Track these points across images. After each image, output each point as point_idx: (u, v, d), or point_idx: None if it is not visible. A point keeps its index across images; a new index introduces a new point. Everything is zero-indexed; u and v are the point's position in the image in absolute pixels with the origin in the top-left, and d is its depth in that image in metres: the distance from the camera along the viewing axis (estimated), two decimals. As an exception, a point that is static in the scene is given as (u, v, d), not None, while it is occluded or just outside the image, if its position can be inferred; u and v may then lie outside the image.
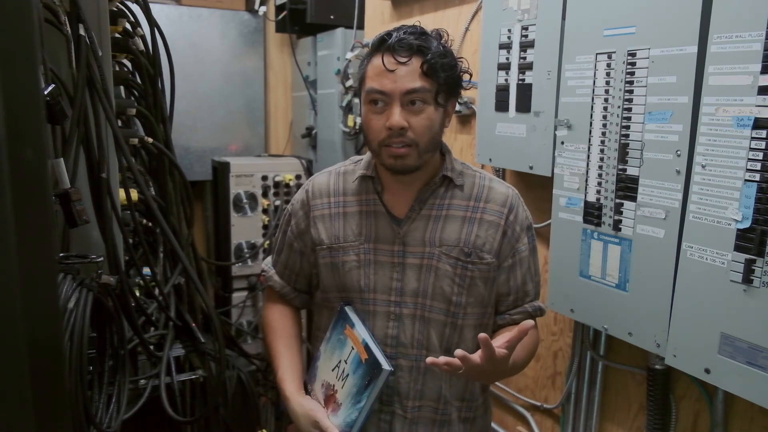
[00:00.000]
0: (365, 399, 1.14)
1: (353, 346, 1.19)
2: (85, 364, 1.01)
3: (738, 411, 1.27)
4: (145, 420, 1.45)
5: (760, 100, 1.04)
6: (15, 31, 0.60)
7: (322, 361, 1.27)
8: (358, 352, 1.17)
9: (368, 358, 1.15)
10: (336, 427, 1.16)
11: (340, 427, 1.17)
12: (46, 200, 0.67)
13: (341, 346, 1.22)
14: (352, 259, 1.22)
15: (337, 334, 1.24)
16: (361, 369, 1.16)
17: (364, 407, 1.14)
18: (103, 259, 1.15)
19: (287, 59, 3.38)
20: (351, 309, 1.23)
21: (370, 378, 1.14)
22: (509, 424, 1.96)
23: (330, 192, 1.27)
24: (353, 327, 1.20)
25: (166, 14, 3.00)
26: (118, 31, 1.52)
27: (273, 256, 1.38)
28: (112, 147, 1.34)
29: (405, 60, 1.09)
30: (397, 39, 1.09)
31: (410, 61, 1.09)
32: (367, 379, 1.14)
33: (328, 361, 1.25)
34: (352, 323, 1.20)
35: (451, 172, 1.21)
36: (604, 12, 1.34)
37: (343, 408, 1.18)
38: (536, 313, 1.27)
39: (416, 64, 1.09)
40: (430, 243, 1.19)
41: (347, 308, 1.23)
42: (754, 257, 1.06)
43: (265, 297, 1.42)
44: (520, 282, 1.24)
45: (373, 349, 1.15)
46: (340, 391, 1.19)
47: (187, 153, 3.16)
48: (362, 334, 1.18)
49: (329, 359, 1.25)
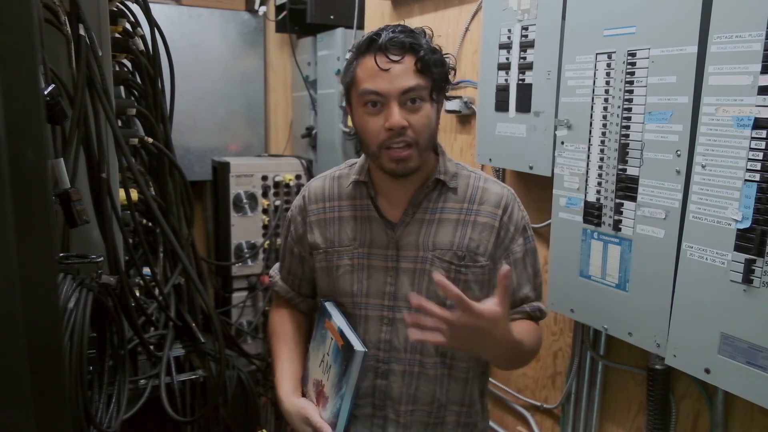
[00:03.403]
0: (345, 385, 1.13)
1: (332, 337, 1.19)
2: (85, 364, 1.01)
3: (738, 411, 1.27)
4: (145, 420, 1.45)
5: (760, 100, 1.04)
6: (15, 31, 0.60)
7: (311, 360, 1.28)
8: (336, 341, 1.17)
9: (344, 344, 1.14)
10: (326, 421, 1.16)
11: (329, 420, 1.16)
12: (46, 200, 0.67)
13: (323, 340, 1.23)
14: (346, 264, 1.22)
15: (320, 330, 1.25)
16: (339, 356, 1.16)
17: (346, 393, 1.13)
18: (103, 259, 1.15)
19: (287, 59, 3.38)
20: (330, 303, 1.24)
21: (347, 363, 1.13)
22: (509, 424, 1.96)
23: (325, 197, 1.27)
24: (331, 318, 1.20)
25: (166, 14, 3.00)
26: (118, 31, 1.52)
27: (279, 262, 1.39)
28: (112, 147, 1.34)
29: (398, 58, 1.08)
30: (388, 38, 1.08)
31: (403, 59, 1.08)
32: (344, 364, 1.14)
33: (315, 358, 1.26)
34: (330, 315, 1.21)
35: (444, 174, 1.20)
36: (604, 12, 1.34)
37: (329, 400, 1.17)
38: (535, 314, 1.25)
39: (409, 62, 1.09)
40: (424, 247, 1.18)
41: (326, 303, 1.24)
42: (754, 257, 1.06)
43: (273, 303, 1.42)
44: (515, 284, 1.22)
45: (347, 334, 1.15)
46: (326, 384, 1.19)
47: (187, 153, 3.16)
48: (338, 323, 1.18)
49: (316, 356, 1.25)
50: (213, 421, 1.69)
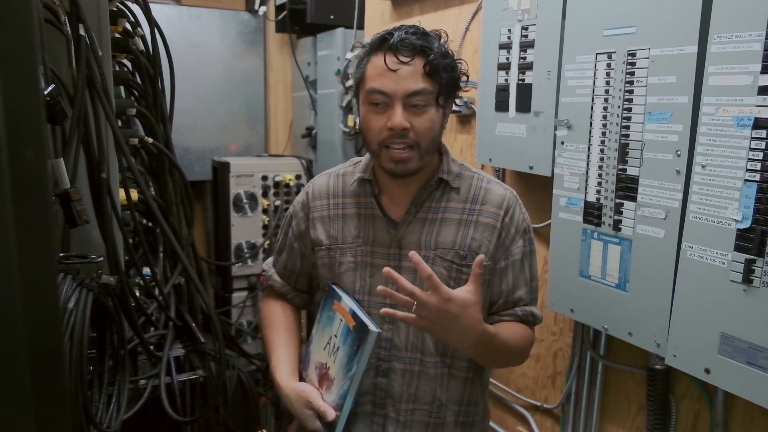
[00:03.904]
0: (355, 365, 1.11)
1: (341, 318, 1.18)
2: (85, 364, 1.01)
3: (738, 411, 1.27)
4: (145, 420, 1.45)
5: (760, 100, 1.04)
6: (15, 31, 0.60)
7: (314, 344, 1.27)
8: (346, 322, 1.16)
9: (356, 325, 1.13)
10: (329, 404, 1.14)
11: (333, 402, 1.14)
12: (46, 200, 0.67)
13: (330, 322, 1.22)
14: (349, 261, 1.22)
15: (326, 312, 1.24)
16: (350, 337, 1.14)
17: (356, 374, 1.11)
18: (103, 259, 1.15)
19: (287, 59, 3.38)
20: (338, 286, 1.23)
21: (359, 343, 1.11)
22: (509, 424, 1.96)
23: (329, 194, 1.27)
24: (340, 300, 1.19)
25: (166, 14, 3.00)
26: (118, 31, 1.52)
27: (273, 256, 1.38)
28: (112, 147, 1.34)
29: (408, 60, 1.08)
30: (400, 39, 1.08)
31: (413, 62, 1.08)
32: (356, 345, 1.12)
33: (319, 341, 1.25)
34: (339, 297, 1.20)
35: (448, 174, 1.20)
36: (604, 12, 1.34)
37: (336, 382, 1.16)
38: (527, 318, 1.23)
39: (419, 65, 1.08)
40: (426, 246, 1.18)
41: (334, 285, 1.23)
42: (754, 257, 1.06)
43: (264, 295, 1.42)
44: (511, 285, 1.22)
45: (360, 315, 1.13)
46: (332, 366, 1.18)
47: (187, 153, 3.16)
48: (349, 304, 1.17)
49: (320, 339, 1.24)
50: (213, 421, 1.69)
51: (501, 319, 1.23)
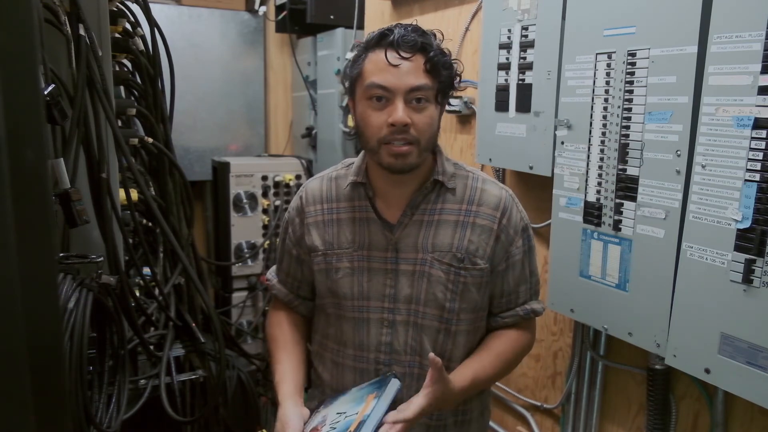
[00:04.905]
0: None
1: (357, 412, 1.08)
2: (85, 364, 1.01)
3: (738, 411, 1.27)
4: (145, 420, 1.45)
5: (760, 100, 1.04)
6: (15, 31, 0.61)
7: (341, 399, 1.19)
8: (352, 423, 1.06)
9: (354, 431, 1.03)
10: None
11: None
12: (46, 200, 0.67)
13: (356, 404, 1.13)
14: (346, 266, 1.21)
15: (364, 392, 1.15)
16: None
17: None
18: (103, 259, 1.15)
19: (287, 59, 3.38)
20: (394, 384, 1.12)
21: None
22: (509, 424, 1.96)
23: (323, 198, 1.25)
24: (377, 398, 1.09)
25: (166, 14, 3.01)
26: (118, 31, 1.52)
27: (275, 265, 1.37)
28: (112, 147, 1.34)
29: (409, 56, 1.08)
30: (401, 35, 1.08)
31: (414, 58, 1.08)
32: None
33: (343, 404, 1.16)
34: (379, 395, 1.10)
35: (442, 175, 1.19)
36: (604, 12, 1.34)
37: None
38: (528, 316, 1.24)
39: (419, 61, 1.09)
40: (423, 249, 1.18)
41: (393, 379, 1.12)
42: (754, 257, 1.06)
43: (270, 307, 1.39)
44: (512, 285, 1.22)
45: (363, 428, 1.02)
46: None
47: (187, 153, 3.16)
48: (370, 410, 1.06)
49: (343, 404, 1.16)
50: (213, 421, 1.69)
51: (505, 322, 1.24)
